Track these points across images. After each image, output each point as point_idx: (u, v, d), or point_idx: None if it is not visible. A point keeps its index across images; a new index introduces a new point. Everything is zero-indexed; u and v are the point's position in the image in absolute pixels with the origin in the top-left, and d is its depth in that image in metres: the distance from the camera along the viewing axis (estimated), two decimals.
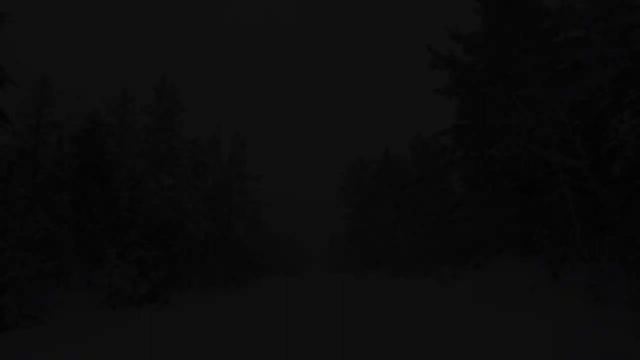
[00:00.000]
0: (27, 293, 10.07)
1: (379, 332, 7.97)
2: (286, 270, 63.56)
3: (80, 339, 8.57)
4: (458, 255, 21.86)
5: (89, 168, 19.51)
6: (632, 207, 9.48)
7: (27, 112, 17.95)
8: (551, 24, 16.67)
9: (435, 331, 7.70)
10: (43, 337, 8.86)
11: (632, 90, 9.02)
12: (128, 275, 13.86)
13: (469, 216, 21.88)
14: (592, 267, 9.02)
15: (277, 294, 20.75)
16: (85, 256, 17.80)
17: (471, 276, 17.32)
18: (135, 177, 16.13)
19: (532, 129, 10.75)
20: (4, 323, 9.48)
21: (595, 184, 10.06)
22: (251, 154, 38.20)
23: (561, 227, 11.44)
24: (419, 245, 25.49)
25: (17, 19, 12.52)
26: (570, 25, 16.07)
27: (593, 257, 9.53)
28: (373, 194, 39.05)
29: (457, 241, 23.16)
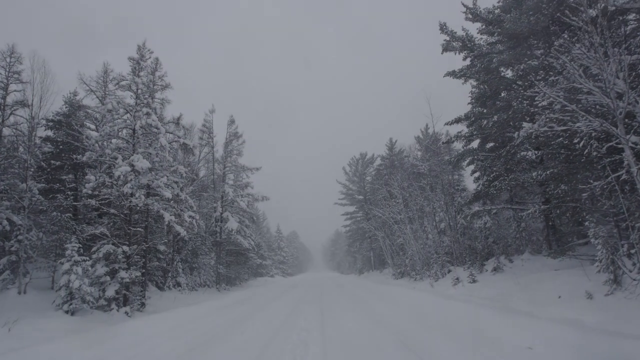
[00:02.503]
0: None
1: None
2: (285, 270, 61.53)
3: None
4: (473, 255, 19.78)
5: (62, 154, 17.57)
6: None
7: None
8: None
9: None
10: None
11: None
12: (92, 274, 11.77)
13: (485, 212, 19.82)
14: None
15: (269, 298, 18.85)
16: (55, 252, 15.83)
17: (491, 279, 15.12)
18: (106, 160, 14.01)
19: (587, 97, 8.58)
20: None
21: None
22: (250, 147, 36.14)
23: (616, 219, 9.29)
24: (428, 245, 23.38)
25: None
26: None
27: None
28: (377, 190, 36.96)
29: (472, 240, 21.11)
